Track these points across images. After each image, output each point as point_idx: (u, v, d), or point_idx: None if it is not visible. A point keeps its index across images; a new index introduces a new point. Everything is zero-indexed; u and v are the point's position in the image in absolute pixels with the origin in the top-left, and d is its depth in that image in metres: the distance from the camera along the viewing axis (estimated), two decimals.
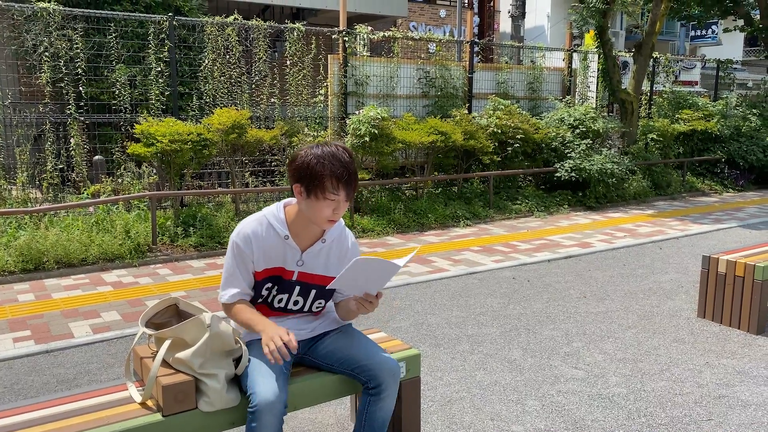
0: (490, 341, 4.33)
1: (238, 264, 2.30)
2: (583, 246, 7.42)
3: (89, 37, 8.05)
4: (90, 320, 4.77)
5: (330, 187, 2.16)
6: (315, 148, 2.20)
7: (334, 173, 2.15)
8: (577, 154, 10.01)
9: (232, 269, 2.32)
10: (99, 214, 7.01)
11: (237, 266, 2.30)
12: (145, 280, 5.93)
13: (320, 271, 2.38)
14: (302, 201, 2.23)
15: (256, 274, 2.32)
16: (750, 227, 8.65)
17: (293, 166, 2.22)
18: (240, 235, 2.30)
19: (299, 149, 2.26)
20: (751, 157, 12.65)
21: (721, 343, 4.32)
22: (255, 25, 8.73)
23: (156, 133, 7.01)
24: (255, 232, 2.29)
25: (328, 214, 2.21)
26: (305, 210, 2.24)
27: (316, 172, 2.15)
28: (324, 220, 2.23)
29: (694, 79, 21.21)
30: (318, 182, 2.15)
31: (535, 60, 12.00)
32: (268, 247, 2.30)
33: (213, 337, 2.23)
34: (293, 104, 9.22)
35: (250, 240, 2.28)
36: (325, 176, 2.15)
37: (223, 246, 7.04)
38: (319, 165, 2.15)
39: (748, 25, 15.04)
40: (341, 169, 2.16)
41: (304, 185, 2.19)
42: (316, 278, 2.38)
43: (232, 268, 2.32)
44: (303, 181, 2.18)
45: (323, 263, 2.38)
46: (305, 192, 2.19)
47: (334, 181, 2.15)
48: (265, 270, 2.32)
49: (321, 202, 2.18)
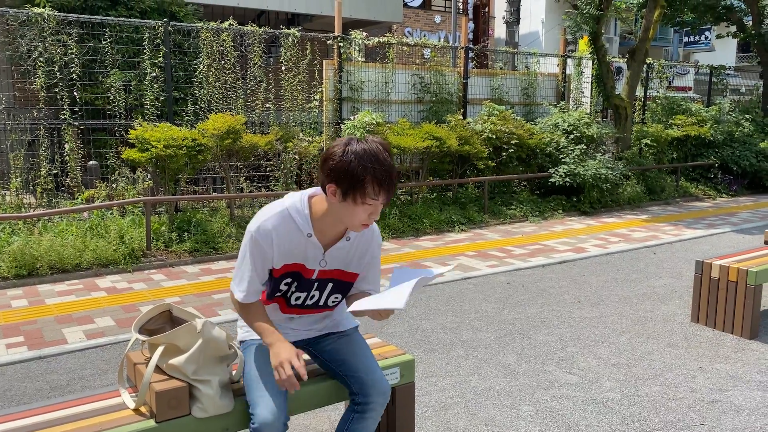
0: (485, 346, 4.34)
1: (255, 259, 2.14)
2: (578, 251, 7.44)
3: (84, 43, 8.05)
4: (84, 326, 4.75)
5: (371, 192, 1.97)
6: (353, 145, 1.98)
7: (376, 177, 1.95)
8: (572, 159, 10.05)
9: (248, 263, 2.16)
10: (93, 220, 6.99)
11: (253, 261, 2.14)
12: (140, 285, 5.91)
13: (340, 266, 2.25)
14: (335, 203, 2.04)
15: (273, 270, 2.18)
16: (743, 232, 8.69)
17: (329, 165, 1.99)
18: (260, 230, 2.12)
19: (333, 144, 2.03)
20: (744, 163, 12.72)
21: (715, 347, 4.34)
22: (250, 30, 8.75)
23: (151, 139, 7.01)
24: (276, 228, 2.11)
25: (363, 219, 2.04)
26: (337, 212, 2.06)
27: (356, 176, 1.94)
28: (358, 224, 2.07)
29: (687, 85, 21.31)
30: (358, 187, 1.96)
31: (530, 66, 12.04)
32: (289, 245, 2.14)
33: (206, 343, 2.23)
34: (288, 109, 9.23)
35: (270, 236, 2.11)
36: (367, 181, 1.95)
37: (217, 251, 7.03)
38: (361, 167, 1.94)
39: (741, 32, 15.15)
40: (383, 173, 1.96)
41: (341, 188, 1.98)
42: (335, 273, 2.25)
43: (247, 262, 2.16)
44: (341, 183, 1.97)
45: (344, 259, 2.25)
46: (341, 195, 2.00)
47: (376, 186, 1.96)
48: (284, 266, 2.17)
49: (358, 207, 2.00)
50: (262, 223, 2.11)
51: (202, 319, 2.31)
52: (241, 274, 2.19)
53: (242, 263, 2.18)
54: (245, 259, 2.16)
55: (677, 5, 14.58)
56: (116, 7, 9.51)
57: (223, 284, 5.96)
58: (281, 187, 8.86)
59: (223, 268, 6.61)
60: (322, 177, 2.04)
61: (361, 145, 1.97)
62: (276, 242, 2.11)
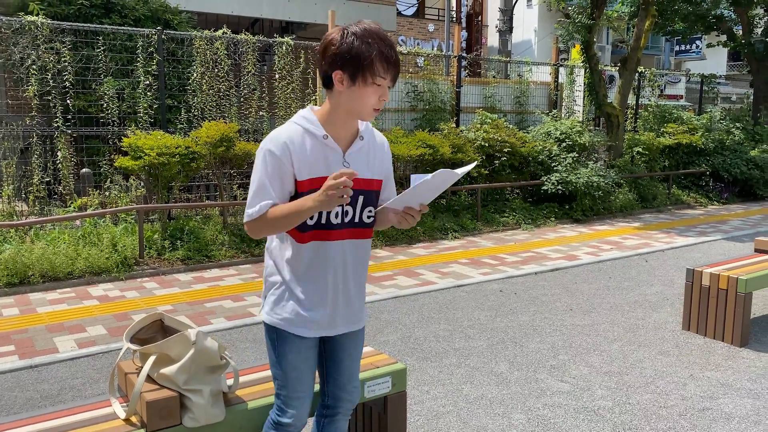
0: (477, 354, 4.35)
1: (272, 176, 1.94)
2: (570, 258, 7.47)
3: (77, 50, 8.05)
4: (75, 335, 4.73)
5: (380, 70, 1.88)
6: (352, 27, 1.90)
7: (383, 54, 1.88)
8: (564, 167, 10.10)
9: (263, 181, 1.94)
10: (86, 228, 6.97)
11: (270, 178, 1.94)
12: (132, 293, 5.90)
13: (365, 173, 2.06)
14: (344, 91, 1.92)
15: (299, 184, 1.97)
16: (734, 239, 8.74)
17: (330, 51, 1.90)
18: (274, 142, 1.95)
19: (328, 35, 1.93)
20: (735, 170, 12.81)
21: (706, 355, 4.36)
22: (244, 38, 8.77)
23: (144, 146, 7.01)
24: (291, 138, 1.96)
25: (374, 102, 1.94)
26: (347, 101, 1.94)
27: (362, 53, 1.86)
28: (370, 109, 1.95)
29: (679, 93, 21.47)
30: (367, 65, 1.86)
31: (522, 74, 12.12)
32: (308, 153, 1.97)
33: (198, 353, 2.24)
34: (282, 117, 9.25)
35: (286, 146, 1.94)
36: (374, 58, 1.87)
37: (210, 260, 7.02)
38: (365, 46, 1.86)
39: (731, 41, 15.30)
40: (389, 48, 1.89)
41: (348, 71, 1.88)
42: (362, 182, 2.04)
43: (262, 180, 1.95)
44: (347, 66, 1.88)
45: (365, 163, 2.07)
46: (349, 79, 1.89)
47: (384, 63, 1.88)
48: (310, 180, 1.96)
49: (368, 88, 1.90)
50: (275, 137, 1.97)
51: (195, 329, 2.32)
52: (256, 193, 1.96)
53: (256, 183, 1.96)
54: (259, 177, 1.96)
55: (668, 15, 14.72)
56: (110, 14, 9.51)
57: (216, 292, 5.96)
58: None
59: (215, 276, 6.60)
60: (325, 67, 1.93)
61: (359, 26, 1.90)
62: (293, 151, 1.95)
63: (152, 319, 2.52)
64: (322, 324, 2.10)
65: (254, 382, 2.56)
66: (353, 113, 1.97)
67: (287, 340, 2.09)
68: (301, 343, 2.10)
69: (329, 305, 2.09)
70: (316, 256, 2.04)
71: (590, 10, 11.44)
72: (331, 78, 1.93)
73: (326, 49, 1.91)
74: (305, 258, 2.04)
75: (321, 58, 1.95)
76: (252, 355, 4.38)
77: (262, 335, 4.72)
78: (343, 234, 2.06)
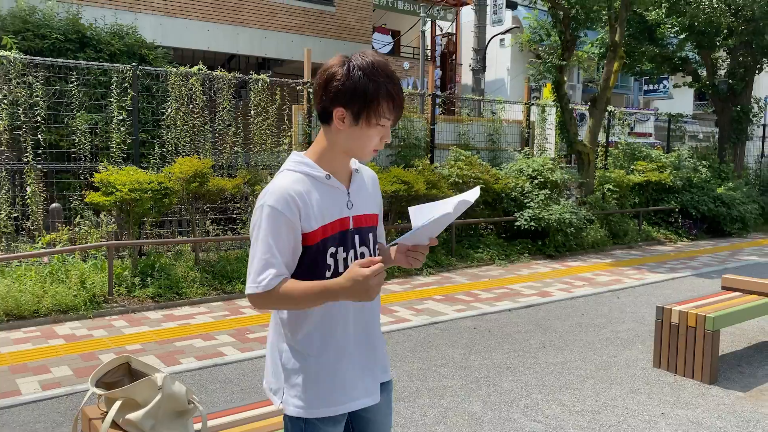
0: (451, 394, 4.32)
1: (276, 238, 1.71)
2: (543, 295, 7.51)
3: (51, 85, 8.00)
4: (39, 376, 4.60)
5: (386, 111, 1.73)
6: (357, 59, 1.73)
7: (390, 94, 1.72)
8: (536, 203, 10.23)
9: (269, 247, 1.71)
10: (53, 265, 6.83)
11: (277, 242, 1.71)
12: (100, 332, 5.77)
13: (365, 207, 1.90)
14: (344, 129, 1.75)
15: (310, 236, 1.75)
16: (703, 276, 8.90)
17: (333, 86, 1.72)
18: (276, 196, 1.72)
19: (329, 65, 1.76)
20: (702, 208, 13.10)
21: (676, 393, 4.39)
22: (219, 75, 8.81)
23: (116, 182, 6.94)
24: (294, 189, 1.74)
25: (375, 143, 1.79)
26: (345, 140, 1.78)
27: (369, 93, 1.70)
28: (370, 150, 1.80)
29: (648, 131, 22.02)
30: (372, 106, 1.71)
31: (495, 112, 12.35)
32: (314, 200, 1.77)
33: (165, 398, 2.19)
34: (257, 153, 9.26)
35: (292, 200, 1.72)
36: (381, 98, 1.71)
37: (181, 297, 6.91)
38: (373, 84, 1.70)
39: (696, 82, 15.82)
40: (396, 87, 1.74)
41: (351, 109, 1.72)
42: (367, 219, 1.90)
43: (268, 244, 1.71)
44: (351, 104, 1.71)
45: (365, 198, 1.91)
46: (352, 118, 1.73)
47: (390, 103, 1.73)
48: (323, 228, 1.77)
49: (371, 129, 1.75)
50: (275, 191, 1.73)
51: (162, 373, 2.28)
52: (263, 263, 1.72)
53: (261, 249, 1.72)
54: (263, 241, 1.72)
55: (636, 56, 15.21)
56: (85, 49, 9.50)
57: (186, 331, 5.85)
58: (248, 230, 8.80)
59: (186, 314, 6.50)
60: (326, 102, 1.75)
61: (365, 58, 1.73)
62: (300, 205, 1.74)
63: (119, 362, 2.47)
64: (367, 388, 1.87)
65: (223, 426, 2.51)
66: (350, 153, 1.82)
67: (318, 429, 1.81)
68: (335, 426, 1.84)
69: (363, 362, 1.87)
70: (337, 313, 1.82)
71: (560, 51, 11.77)
72: (331, 114, 1.75)
73: (328, 82, 1.73)
74: (327, 316, 1.81)
75: (321, 91, 1.76)
76: (221, 396, 4.30)
77: (233, 376, 4.64)
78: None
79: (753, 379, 4.69)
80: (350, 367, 1.83)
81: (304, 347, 1.81)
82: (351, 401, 1.82)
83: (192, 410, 2.29)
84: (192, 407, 2.29)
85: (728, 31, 14.16)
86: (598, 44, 15.46)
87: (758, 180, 16.86)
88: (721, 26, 13.79)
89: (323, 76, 1.76)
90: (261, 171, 8.98)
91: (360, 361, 1.86)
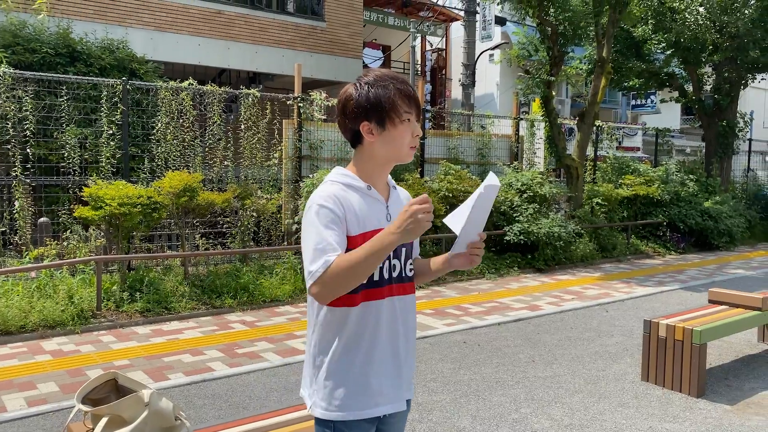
0: (440, 409, 4.32)
1: (330, 228, 1.79)
2: (533, 309, 7.54)
3: (40, 99, 7.99)
4: (25, 392, 4.56)
5: (404, 105, 1.85)
6: (364, 78, 1.89)
7: (401, 90, 1.86)
8: (525, 217, 10.29)
9: (322, 235, 1.77)
10: (41, 279, 6.79)
11: (328, 230, 1.78)
12: (87, 348, 5.73)
13: None
14: (376, 140, 1.87)
15: (351, 240, 1.83)
16: (691, 289, 8.96)
17: (350, 107, 1.86)
18: (324, 197, 1.83)
19: (342, 92, 1.92)
20: (690, 221, 13.21)
21: (664, 406, 4.41)
22: (210, 90, 8.84)
23: (105, 196, 6.92)
24: (337, 194, 1.85)
25: (409, 140, 1.88)
26: (381, 147, 1.88)
27: (382, 97, 1.84)
28: (407, 148, 1.89)
29: (636, 145, 22.22)
30: (391, 106, 1.84)
31: (485, 126, 12.44)
32: (355, 207, 1.86)
33: (152, 415, 2.19)
34: (247, 167, 9.27)
35: (338, 200, 1.83)
36: (394, 96, 1.85)
37: (170, 311, 6.88)
38: (381, 89, 1.85)
39: (683, 97, 16.00)
40: (404, 84, 1.88)
41: (374, 119, 1.85)
42: None
43: (321, 234, 1.77)
44: (371, 114, 1.84)
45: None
46: (378, 126, 1.85)
47: (405, 98, 1.86)
48: (362, 234, 1.84)
49: (400, 127, 1.85)
50: (322, 193, 1.84)
51: (149, 390, 2.28)
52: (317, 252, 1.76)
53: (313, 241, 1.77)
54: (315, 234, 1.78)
55: (623, 71, 15.38)
56: (75, 63, 9.50)
57: (175, 346, 5.82)
58: (238, 244, 8.80)
59: (175, 329, 6.46)
60: (350, 124, 1.89)
61: (369, 75, 1.89)
62: (345, 205, 1.84)
63: (105, 378, 2.46)
64: (389, 396, 1.91)
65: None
66: (391, 158, 1.91)
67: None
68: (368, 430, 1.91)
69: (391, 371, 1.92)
70: (369, 319, 1.87)
71: (549, 66, 11.89)
72: (359, 132, 1.87)
73: (345, 106, 1.88)
74: (360, 322, 1.86)
75: (343, 116, 1.91)
76: (210, 412, 4.27)
77: (221, 391, 4.62)
78: (393, 290, 1.92)
79: (740, 393, 4.72)
80: (379, 373, 1.88)
81: (334, 351, 1.87)
82: (377, 406, 1.88)
83: (179, 427, 2.28)
84: (179, 423, 2.28)
85: (713, 47, 14.35)
86: (586, 60, 15.63)
87: (745, 194, 17.02)
88: (707, 42, 13.99)
89: (340, 104, 1.91)
90: (251, 185, 8.99)
91: (388, 369, 1.91)
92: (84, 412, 2.32)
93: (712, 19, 13.26)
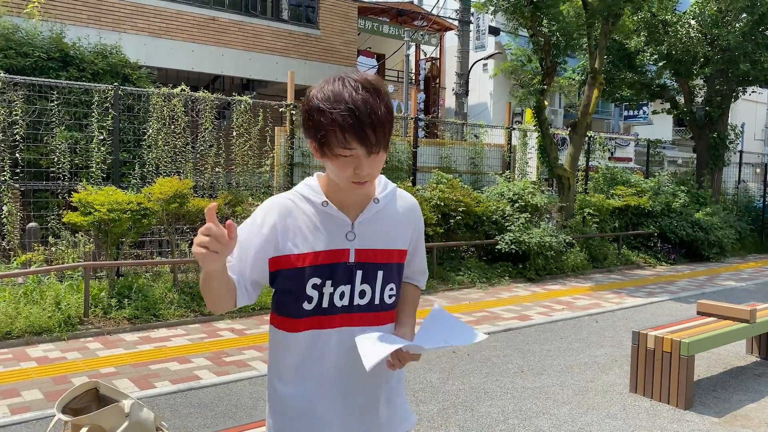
0: (428, 420, 4.30)
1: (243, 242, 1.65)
2: (523, 318, 7.53)
3: (31, 103, 7.96)
4: (8, 400, 4.51)
5: (334, 141, 1.54)
6: (316, 89, 1.60)
7: (337, 122, 1.52)
8: (517, 227, 10.30)
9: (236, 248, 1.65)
10: (28, 285, 6.73)
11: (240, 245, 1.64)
12: (73, 354, 5.67)
13: (382, 243, 1.74)
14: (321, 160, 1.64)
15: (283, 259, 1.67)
16: (681, 300, 8.98)
17: (302, 115, 1.63)
18: (264, 205, 1.71)
19: (312, 87, 1.62)
20: (681, 232, 13.26)
21: (652, 418, 4.41)
22: (202, 96, 8.82)
23: (94, 202, 6.88)
24: (283, 204, 1.69)
25: (349, 174, 1.59)
26: (329, 171, 1.67)
27: (318, 125, 1.55)
28: (347, 181, 1.61)
29: (628, 156, 22.32)
30: (322, 137, 1.56)
31: (478, 136, 12.47)
32: (300, 223, 1.68)
33: (132, 425, 2.16)
34: (239, 174, 9.25)
35: (272, 211, 1.68)
36: (327, 127, 1.54)
37: (158, 318, 6.84)
38: (318, 113, 1.55)
39: (674, 108, 16.11)
40: (345, 114, 1.52)
41: (312, 141, 1.61)
42: (379, 254, 1.73)
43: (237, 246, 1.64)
44: (308, 135, 1.62)
45: (384, 232, 1.74)
46: (318, 149, 1.60)
47: (339, 132, 1.53)
48: (307, 255, 1.66)
49: (335, 161, 1.58)
50: (266, 202, 1.73)
51: (131, 400, 2.25)
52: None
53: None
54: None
55: (615, 83, 15.48)
56: (68, 68, 9.48)
57: (162, 353, 5.78)
58: None
59: (163, 336, 6.42)
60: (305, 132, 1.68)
61: (327, 86, 1.57)
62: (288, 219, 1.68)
63: (87, 387, 2.43)
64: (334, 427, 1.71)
65: None
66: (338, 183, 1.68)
67: None
68: None
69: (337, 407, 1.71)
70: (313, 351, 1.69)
71: (541, 77, 11.95)
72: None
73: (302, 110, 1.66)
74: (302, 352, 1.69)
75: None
76: (196, 421, 4.24)
77: (208, 400, 4.59)
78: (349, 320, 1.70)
79: (728, 405, 4.73)
80: (325, 408, 1.70)
81: (281, 379, 1.73)
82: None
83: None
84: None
85: (705, 59, 14.46)
86: (579, 70, 15.72)
87: (735, 205, 17.12)
88: (698, 55, 14.10)
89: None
90: (242, 192, 8.97)
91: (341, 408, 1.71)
92: (64, 422, 2.29)
93: (704, 32, 13.38)
